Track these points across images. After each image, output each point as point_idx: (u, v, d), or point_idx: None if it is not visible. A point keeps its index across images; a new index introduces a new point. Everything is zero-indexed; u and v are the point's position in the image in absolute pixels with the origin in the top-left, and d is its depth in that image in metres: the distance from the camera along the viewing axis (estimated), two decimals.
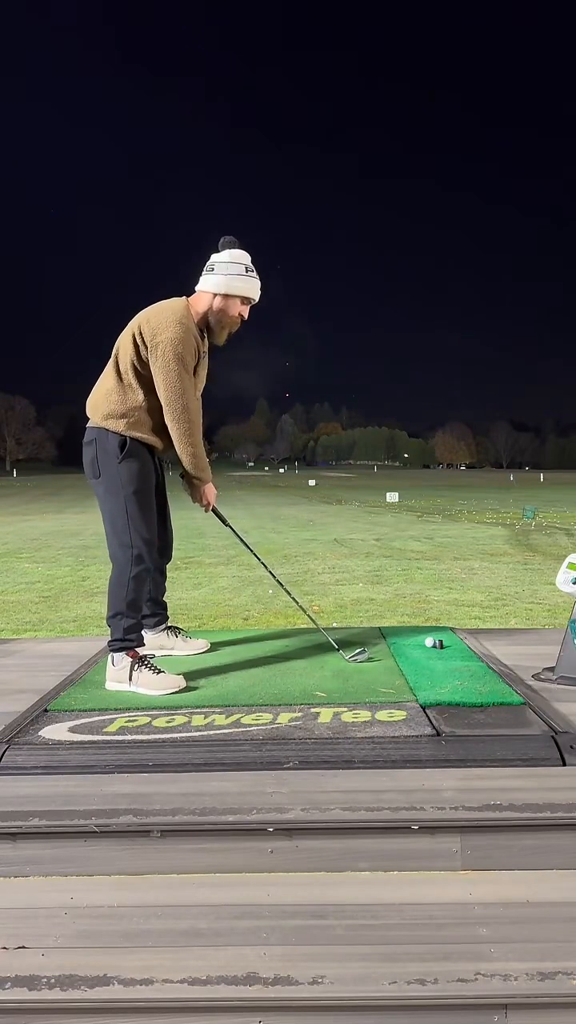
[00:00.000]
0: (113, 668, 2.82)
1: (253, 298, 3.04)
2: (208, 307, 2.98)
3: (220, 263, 2.98)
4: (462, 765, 2.09)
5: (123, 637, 2.84)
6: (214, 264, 3.00)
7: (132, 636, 2.86)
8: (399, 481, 59.39)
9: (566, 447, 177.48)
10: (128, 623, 2.86)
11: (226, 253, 3.00)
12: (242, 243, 3.06)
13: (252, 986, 1.76)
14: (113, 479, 2.87)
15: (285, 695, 2.63)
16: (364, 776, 2.06)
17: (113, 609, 2.87)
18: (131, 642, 2.85)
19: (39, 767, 2.11)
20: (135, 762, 2.12)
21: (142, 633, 2.99)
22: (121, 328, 3.04)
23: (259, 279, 3.04)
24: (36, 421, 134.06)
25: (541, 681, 2.86)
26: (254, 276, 3.01)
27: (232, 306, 2.99)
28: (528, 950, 1.80)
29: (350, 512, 23.83)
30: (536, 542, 13.90)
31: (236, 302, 2.99)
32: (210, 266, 3.00)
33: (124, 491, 2.86)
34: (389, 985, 1.76)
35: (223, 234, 3.10)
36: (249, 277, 3.00)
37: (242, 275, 2.98)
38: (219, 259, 3.00)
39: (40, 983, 1.76)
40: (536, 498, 29.80)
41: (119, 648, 2.83)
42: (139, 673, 2.78)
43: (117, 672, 2.81)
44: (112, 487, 2.88)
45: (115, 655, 2.83)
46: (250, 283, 3.00)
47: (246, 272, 2.99)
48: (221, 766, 2.09)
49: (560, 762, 2.10)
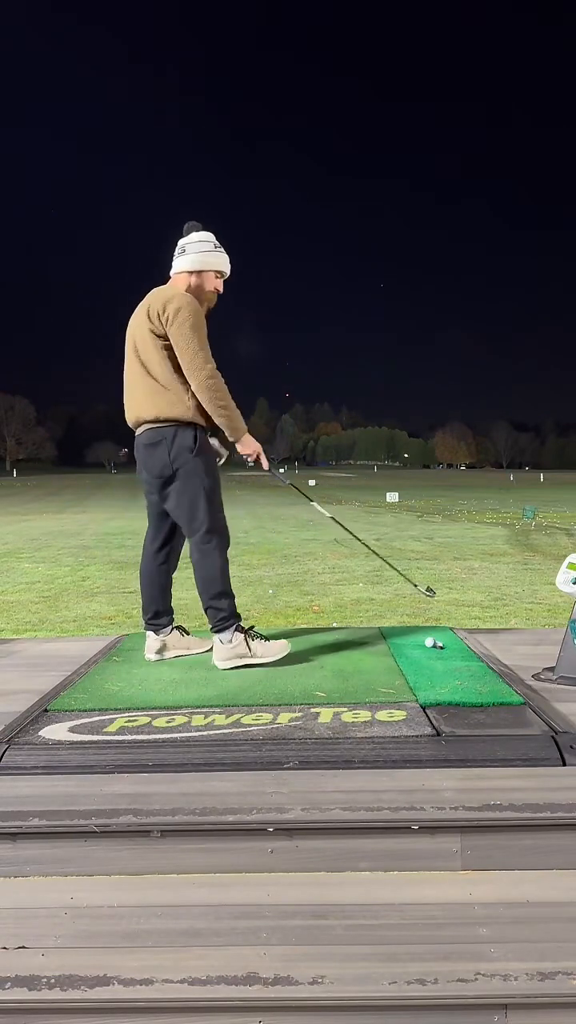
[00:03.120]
0: (228, 646, 3.00)
1: (225, 271, 3.20)
2: (187, 286, 3.11)
3: (190, 244, 3.14)
4: (462, 765, 2.09)
5: (231, 614, 3.04)
6: (184, 246, 3.15)
7: (236, 612, 3.07)
8: (399, 481, 59.38)
9: (566, 447, 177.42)
10: (231, 601, 3.05)
11: (193, 235, 3.16)
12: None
13: (252, 986, 1.76)
14: (194, 473, 3.00)
15: (285, 695, 2.63)
16: (364, 776, 2.06)
17: (215, 590, 3.03)
18: (238, 617, 3.07)
19: (39, 767, 2.11)
20: (135, 762, 2.12)
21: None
22: (123, 328, 3.05)
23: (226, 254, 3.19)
24: (36, 421, 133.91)
25: (541, 681, 2.86)
26: (222, 251, 3.18)
27: (208, 281, 3.15)
28: (528, 950, 1.80)
29: (350, 512, 23.82)
30: (536, 542, 13.90)
31: (211, 276, 3.15)
32: (180, 249, 3.16)
33: (206, 481, 3.02)
34: (389, 985, 1.76)
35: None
36: (219, 252, 3.16)
37: (211, 251, 3.14)
38: (187, 241, 3.16)
39: (40, 983, 1.76)
40: (536, 498, 29.79)
41: (228, 626, 3.01)
42: (257, 644, 3.02)
43: (233, 649, 3.00)
44: (193, 481, 3.00)
45: (224, 634, 3.02)
46: (220, 257, 3.17)
47: (215, 248, 3.15)
48: (221, 766, 2.09)
49: (560, 762, 2.10)
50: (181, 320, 2.93)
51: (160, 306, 2.96)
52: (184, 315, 2.93)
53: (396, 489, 33.17)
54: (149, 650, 3.23)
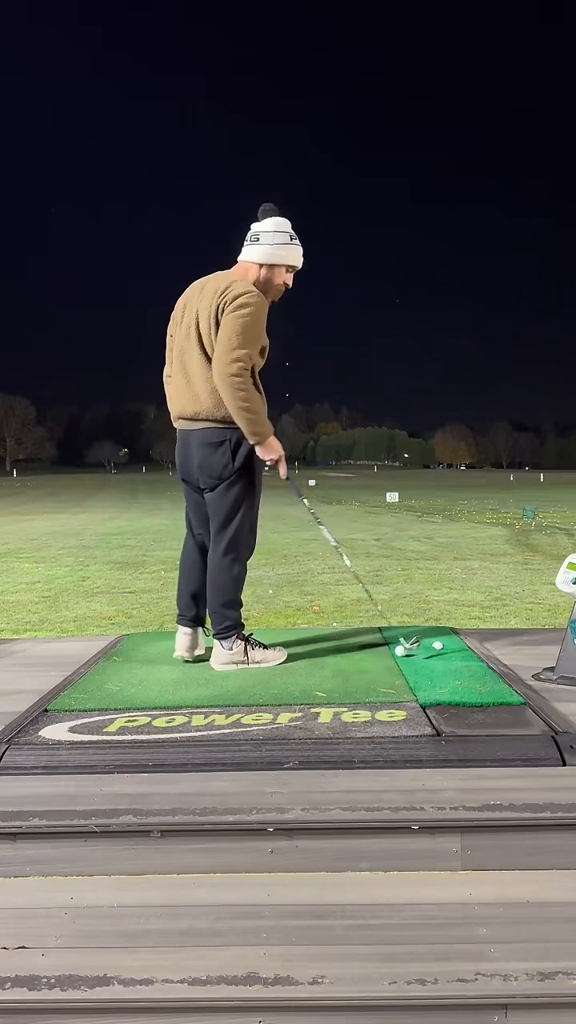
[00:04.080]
0: (228, 652, 3.00)
1: (297, 265, 3.03)
2: (256, 278, 2.96)
3: (265, 232, 2.96)
4: (462, 765, 2.09)
5: (236, 623, 3.03)
6: (258, 234, 2.97)
7: (241, 621, 3.07)
8: (399, 481, 59.37)
9: (566, 447, 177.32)
10: (238, 612, 3.06)
11: (269, 222, 2.97)
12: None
13: (252, 986, 1.76)
14: (247, 479, 2.96)
15: (285, 695, 2.63)
16: (364, 776, 2.06)
17: (225, 598, 3.01)
18: (242, 627, 3.07)
19: (39, 767, 2.11)
20: (135, 762, 2.12)
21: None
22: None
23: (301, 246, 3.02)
24: (36, 421, 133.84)
25: (541, 681, 2.85)
26: (297, 243, 3.00)
27: (278, 275, 2.98)
28: (528, 950, 1.80)
29: (350, 512, 23.82)
30: (536, 542, 13.90)
31: (281, 271, 2.98)
32: (254, 236, 2.97)
33: (250, 491, 3.00)
34: (389, 985, 1.76)
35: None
36: (294, 245, 2.98)
37: (287, 243, 2.96)
38: (262, 228, 2.97)
39: (40, 983, 1.76)
40: (536, 498, 29.78)
41: (232, 634, 3.01)
42: (253, 651, 3.03)
43: (232, 655, 3.00)
44: (243, 486, 2.96)
45: (226, 641, 3.01)
46: (295, 251, 2.99)
47: (291, 240, 2.98)
48: (221, 766, 2.09)
49: (560, 762, 2.10)
50: (242, 314, 2.78)
51: (232, 295, 2.81)
52: (247, 311, 2.79)
53: (396, 489, 33.15)
54: (180, 647, 3.14)
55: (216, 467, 2.93)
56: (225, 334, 2.79)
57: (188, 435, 3.00)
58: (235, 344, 2.78)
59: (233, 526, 2.98)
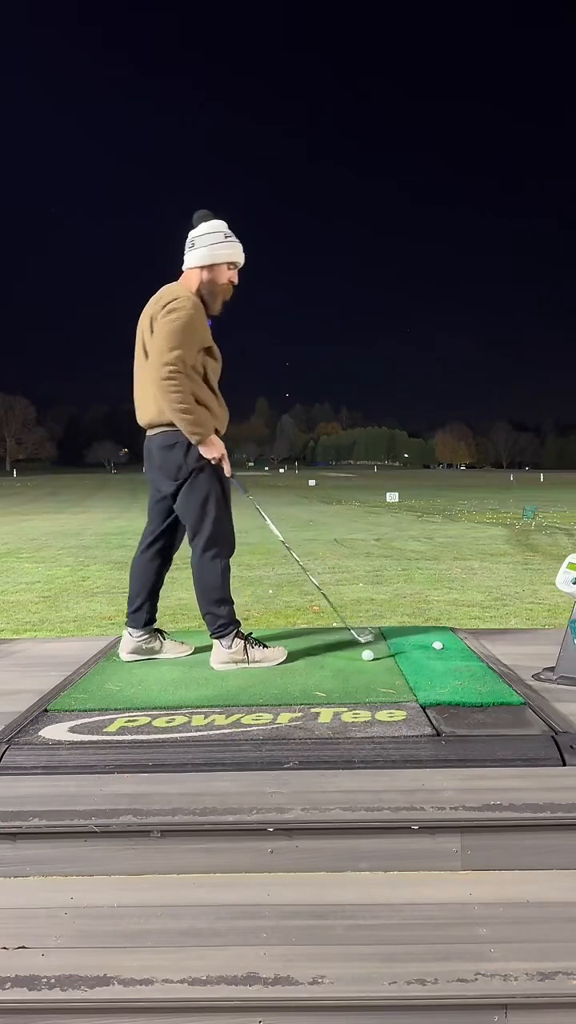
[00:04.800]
0: (228, 651, 3.03)
1: (238, 261, 3.09)
2: (199, 282, 3.05)
3: (199, 236, 3.06)
4: (462, 765, 2.09)
5: (229, 621, 3.07)
6: (193, 240, 3.07)
7: (234, 618, 3.10)
8: (399, 481, 59.39)
9: (566, 447, 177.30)
10: (230, 608, 3.09)
11: (202, 226, 3.07)
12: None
13: (252, 986, 1.76)
14: (205, 478, 3.00)
15: (285, 695, 2.63)
16: (364, 776, 2.06)
17: (215, 597, 3.06)
18: (236, 624, 3.10)
19: (39, 767, 2.11)
20: (135, 762, 2.12)
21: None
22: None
23: (239, 242, 3.08)
24: (36, 421, 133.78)
25: (541, 681, 2.86)
26: (234, 240, 3.08)
27: (220, 274, 3.06)
28: (528, 950, 1.80)
29: (350, 512, 23.82)
30: (536, 542, 13.90)
31: (223, 268, 3.06)
32: (190, 243, 3.08)
33: (216, 488, 3.03)
34: (389, 985, 1.76)
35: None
36: (230, 242, 3.07)
37: (223, 242, 3.05)
38: (196, 233, 3.07)
39: (40, 983, 1.76)
40: (536, 498, 29.78)
41: (228, 632, 3.04)
42: (253, 650, 3.06)
43: (232, 654, 3.03)
44: (203, 486, 3.00)
45: (224, 640, 3.05)
46: (232, 247, 3.07)
47: (225, 238, 3.06)
48: (221, 766, 2.09)
49: (560, 762, 2.10)
50: (170, 319, 2.87)
51: (161, 304, 2.93)
52: (174, 316, 2.87)
53: (396, 489, 33.17)
54: (123, 649, 3.22)
55: (171, 468, 3.01)
56: (157, 341, 2.89)
57: (148, 442, 3.10)
58: (166, 348, 2.85)
59: (208, 524, 3.03)
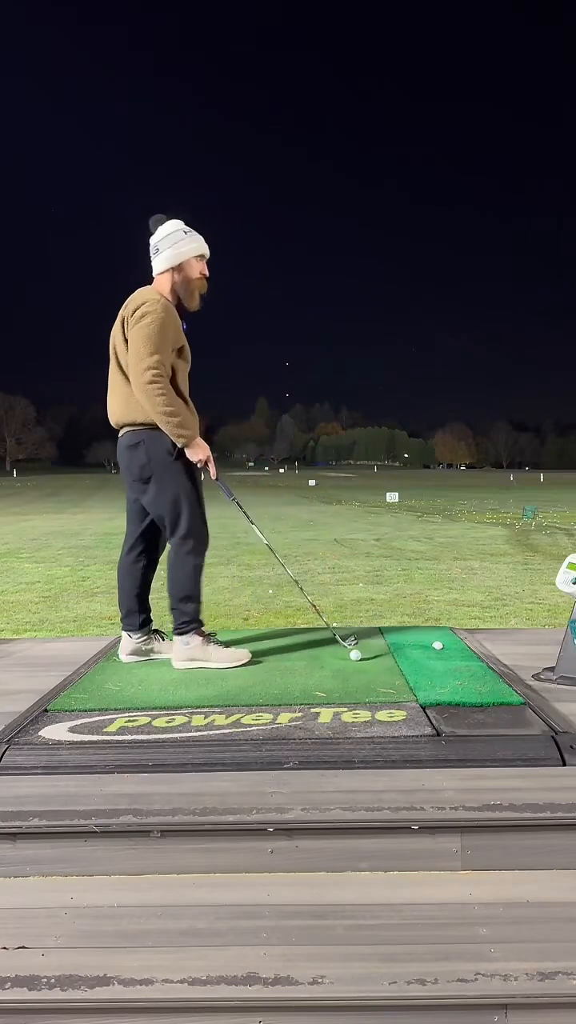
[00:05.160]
0: (186, 647, 3.03)
1: (205, 253, 3.13)
2: (172, 283, 3.07)
3: (160, 240, 3.08)
4: (462, 765, 2.09)
5: (193, 619, 3.06)
6: (156, 245, 3.09)
7: (200, 618, 3.09)
8: (399, 481, 59.39)
9: (566, 447, 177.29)
10: (197, 606, 3.07)
11: (160, 230, 3.10)
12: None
13: (252, 986, 1.76)
14: (170, 478, 2.99)
15: (285, 695, 2.63)
16: (364, 776, 2.06)
17: (183, 593, 3.05)
18: (200, 623, 3.08)
19: (39, 767, 2.11)
20: (135, 762, 2.12)
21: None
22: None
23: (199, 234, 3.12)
24: (36, 421, 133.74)
25: (541, 681, 2.86)
26: (194, 233, 3.10)
27: (191, 269, 3.09)
28: (528, 950, 1.80)
29: (350, 512, 23.82)
30: (536, 542, 13.90)
31: (192, 263, 3.09)
32: (154, 248, 3.11)
33: (184, 487, 3.00)
34: (389, 985, 1.76)
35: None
36: (191, 236, 3.09)
37: (182, 239, 3.07)
38: (157, 238, 3.09)
39: (40, 983, 1.76)
40: (536, 498, 29.78)
41: (190, 629, 3.04)
42: (212, 649, 3.03)
43: (190, 650, 3.02)
44: (169, 486, 3.00)
45: (184, 636, 3.04)
46: (195, 240, 3.10)
47: (185, 234, 3.08)
48: (221, 766, 2.09)
49: (560, 762, 2.10)
50: (143, 324, 2.88)
51: (131, 309, 2.94)
52: (147, 320, 2.88)
53: (396, 489, 33.17)
54: (123, 650, 3.24)
55: (135, 468, 3.03)
56: (134, 347, 2.89)
57: (118, 443, 3.12)
58: (145, 352, 2.87)
59: (183, 520, 3.02)
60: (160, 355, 2.89)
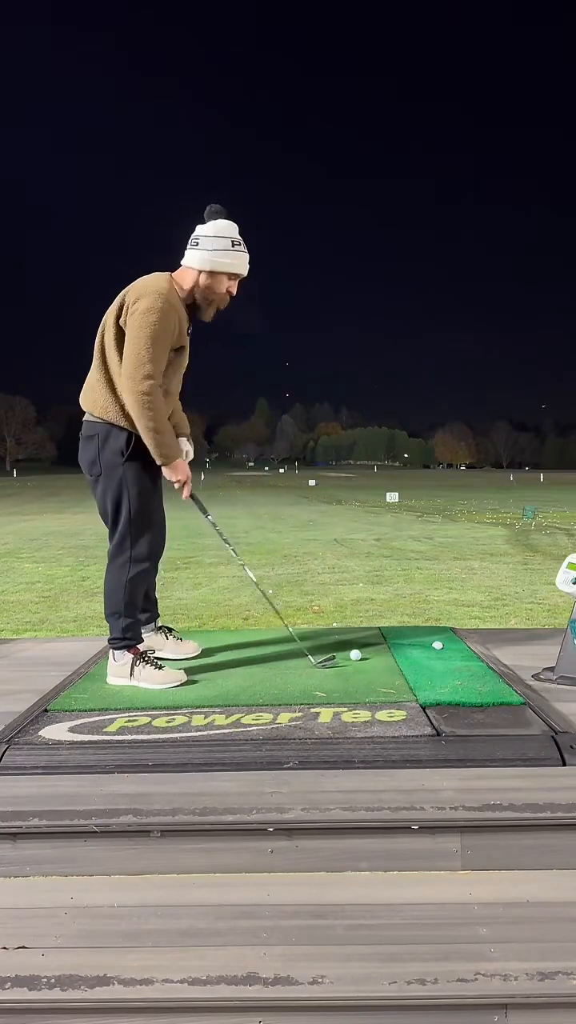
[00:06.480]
0: (115, 664, 2.84)
1: (241, 274, 2.86)
2: (194, 283, 2.82)
3: (205, 237, 2.80)
4: (462, 765, 2.09)
5: (122, 636, 2.84)
6: (199, 238, 2.81)
7: (130, 634, 2.85)
8: (399, 481, 59.37)
9: (566, 447, 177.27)
10: (126, 622, 2.84)
11: (211, 226, 2.81)
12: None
13: (252, 986, 1.76)
14: (116, 478, 2.77)
15: (285, 695, 2.63)
16: (364, 776, 2.06)
17: (111, 608, 2.84)
18: (130, 640, 2.85)
19: (39, 767, 2.11)
20: (135, 762, 2.12)
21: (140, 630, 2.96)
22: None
23: (247, 252, 2.85)
24: (36, 421, 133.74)
25: (541, 681, 2.86)
26: (242, 250, 2.83)
27: (219, 283, 2.82)
28: (528, 950, 1.80)
29: (350, 512, 23.82)
30: (536, 542, 13.89)
31: (223, 279, 2.82)
32: (194, 240, 2.82)
33: (128, 491, 2.77)
34: (389, 985, 1.76)
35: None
36: (236, 251, 2.81)
37: (228, 250, 2.79)
38: (204, 232, 2.81)
39: (40, 983, 1.76)
40: (536, 498, 29.77)
41: (119, 647, 2.84)
42: (141, 668, 2.79)
43: (119, 668, 2.83)
44: (113, 486, 2.78)
45: (116, 652, 2.85)
46: (237, 258, 2.82)
47: (232, 247, 2.80)
48: (221, 766, 2.09)
49: (560, 762, 2.10)
50: (144, 321, 2.64)
51: (134, 295, 2.69)
52: (150, 317, 2.63)
53: (396, 489, 33.15)
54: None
55: (86, 461, 2.83)
56: (133, 345, 2.65)
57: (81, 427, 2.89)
58: (145, 357, 2.64)
59: (120, 525, 2.79)
60: (159, 362, 2.68)
